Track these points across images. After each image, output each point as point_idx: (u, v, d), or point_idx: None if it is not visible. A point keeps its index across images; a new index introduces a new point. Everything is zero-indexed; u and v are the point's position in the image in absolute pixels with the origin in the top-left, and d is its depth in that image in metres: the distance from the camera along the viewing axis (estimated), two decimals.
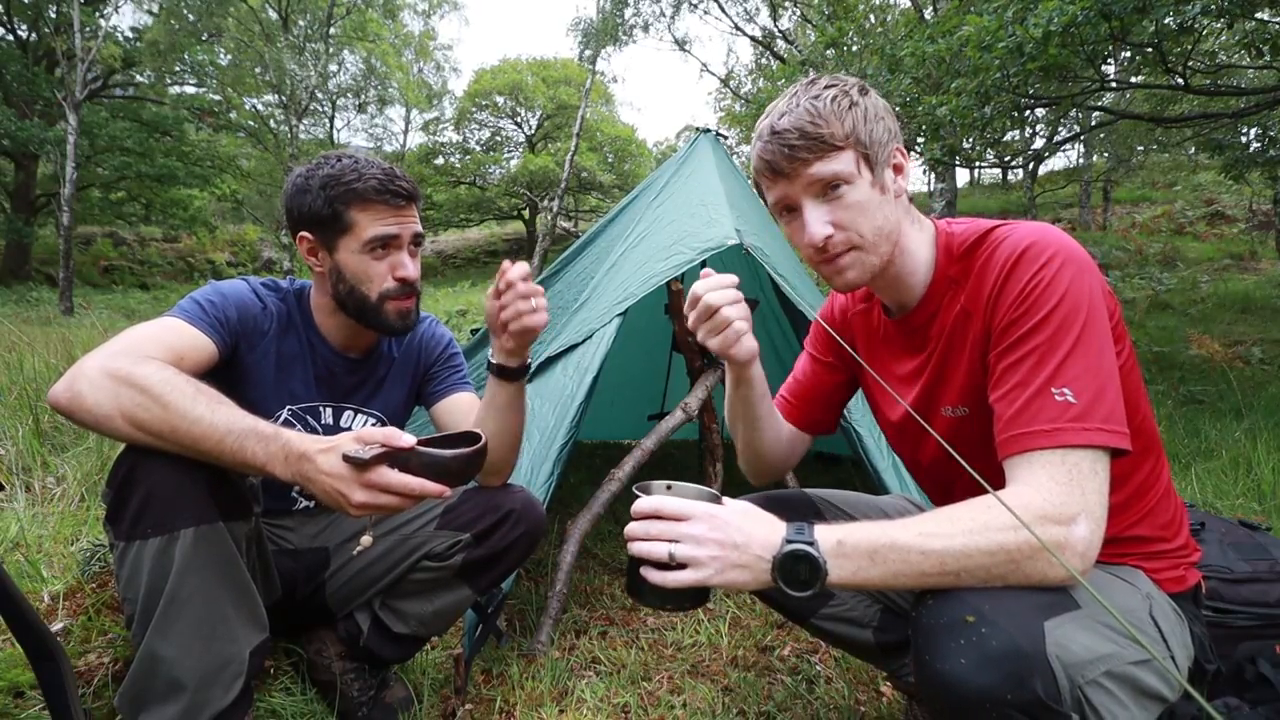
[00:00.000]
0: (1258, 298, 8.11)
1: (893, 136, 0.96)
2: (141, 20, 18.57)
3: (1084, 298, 0.86)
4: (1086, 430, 0.80)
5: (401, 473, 0.97)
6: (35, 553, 1.72)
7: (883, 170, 0.95)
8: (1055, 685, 0.73)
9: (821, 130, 0.91)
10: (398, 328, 1.30)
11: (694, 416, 2.37)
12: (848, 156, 0.92)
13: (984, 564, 0.78)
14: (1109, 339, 0.87)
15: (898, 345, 1.10)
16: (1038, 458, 0.81)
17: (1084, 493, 0.79)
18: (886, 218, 0.96)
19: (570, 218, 22.74)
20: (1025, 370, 0.85)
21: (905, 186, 0.99)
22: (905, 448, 1.17)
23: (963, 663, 0.74)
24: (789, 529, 0.85)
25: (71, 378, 0.96)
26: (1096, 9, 3.76)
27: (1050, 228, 0.93)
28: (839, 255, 0.96)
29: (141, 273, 18.52)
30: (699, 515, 0.85)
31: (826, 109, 0.92)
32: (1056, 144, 9.51)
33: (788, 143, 0.92)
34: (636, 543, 0.86)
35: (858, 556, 0.81)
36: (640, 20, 16.20)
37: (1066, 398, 0.81)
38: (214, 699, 0.98)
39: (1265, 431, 3.50)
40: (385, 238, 1.24)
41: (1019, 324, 0.87)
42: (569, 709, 1.49)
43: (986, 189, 22.49)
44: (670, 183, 2.69)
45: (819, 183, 0.93)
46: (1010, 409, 0.85)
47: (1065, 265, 0.87)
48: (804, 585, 0.81)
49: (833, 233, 0.95)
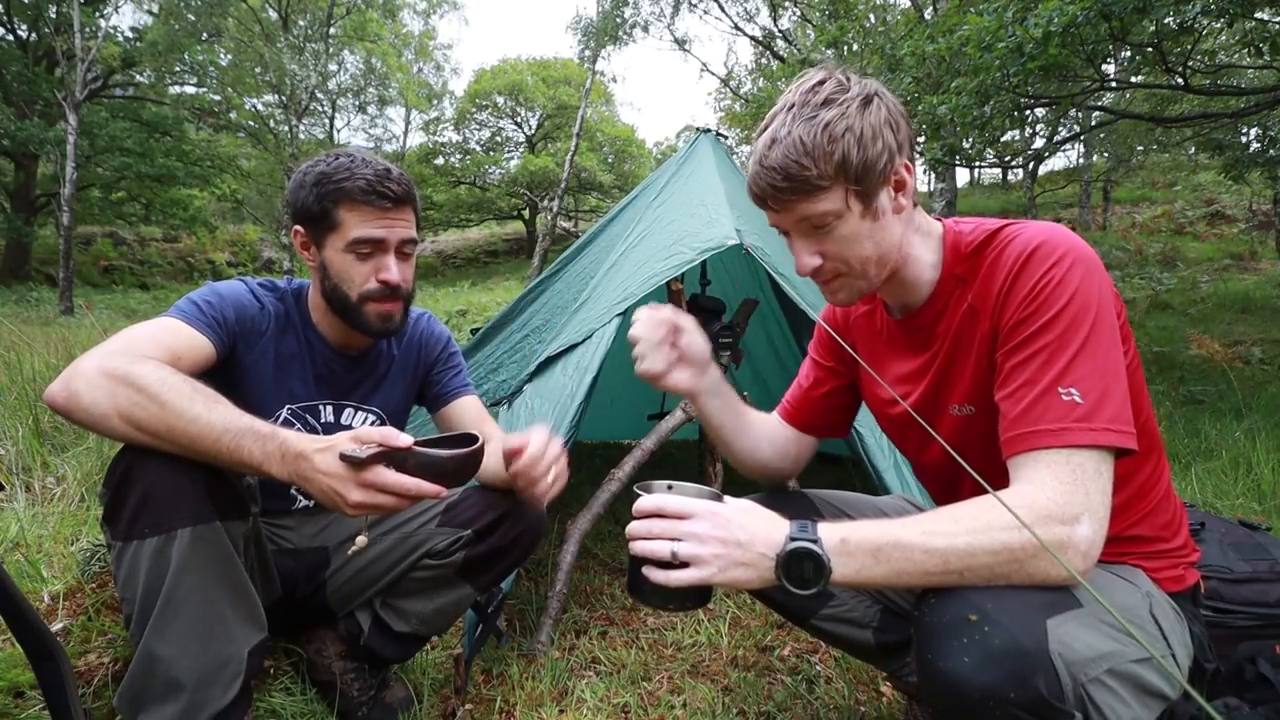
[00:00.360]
0: (1258, 298, 8.11)
1: (895, 152, 0.92)
2: (141, 20, 18.61)
3: (1093, 298, 0.85)
4: (1093, 430, 0.80)
5: (398, 473, 0.97)
6: (35, 553, 1.72)
7: (876, 196, 0.93)
8: (1058, 683, 0.73)
9: (807, 173, 0.89)
10: (376, 330, 1.28)
11: (694, 416, 2.37)
12: (835, 195, 0.91)
13: (987, 563, 0.78)
14: (1117, 339, 0.87)
15: (901, 344, 1.10)
16: (1043, 457, 0.81)
17: (1088, 493, 0.79)
18: (878, 244, 0.95)
19: (570, 218, 22.75)
20: (1033, 369, 0.85)
21: (908, 199, 0.97)
22: (910, 448, 1.17)
23: (966, 661, 0.74)
24: (792, 526, 0.85)
25: (68, 377, 0.96)
26: (1096, 9, 3.76)
27: (1059, 227, 0.92)
28: (828, 280, 0.99)
29: (141, 273, 18.53)
30: (701, 513, 0.85)
31: (815, 142, 0.88)
32: (1056, 144, 9.51)
33: (773, 183, 0.92)
34: (638, 541, 0.86)
35: (861, 555, 0.81)
36: (640, 19, 16.22)
37: (1073, 397, 0.81)
38: (213, 698, 0.98)
39: (1265, 431, 3.50)
40: (369, 240, 1.23)
41: (1027, 323, 0.87)
42: (569, 709, 1.49)
43: (986, 189, 22.49)
44: (670, 183, 2.69)
45: (805, 221, 0.94)
46: (1016, 408, 0.85)
47: (1075, 265, 0.87)
48: (808, 584, 0.81)
49: (820, 263, 0.96)
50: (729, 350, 2.44)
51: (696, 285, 2.75)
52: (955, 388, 1.00)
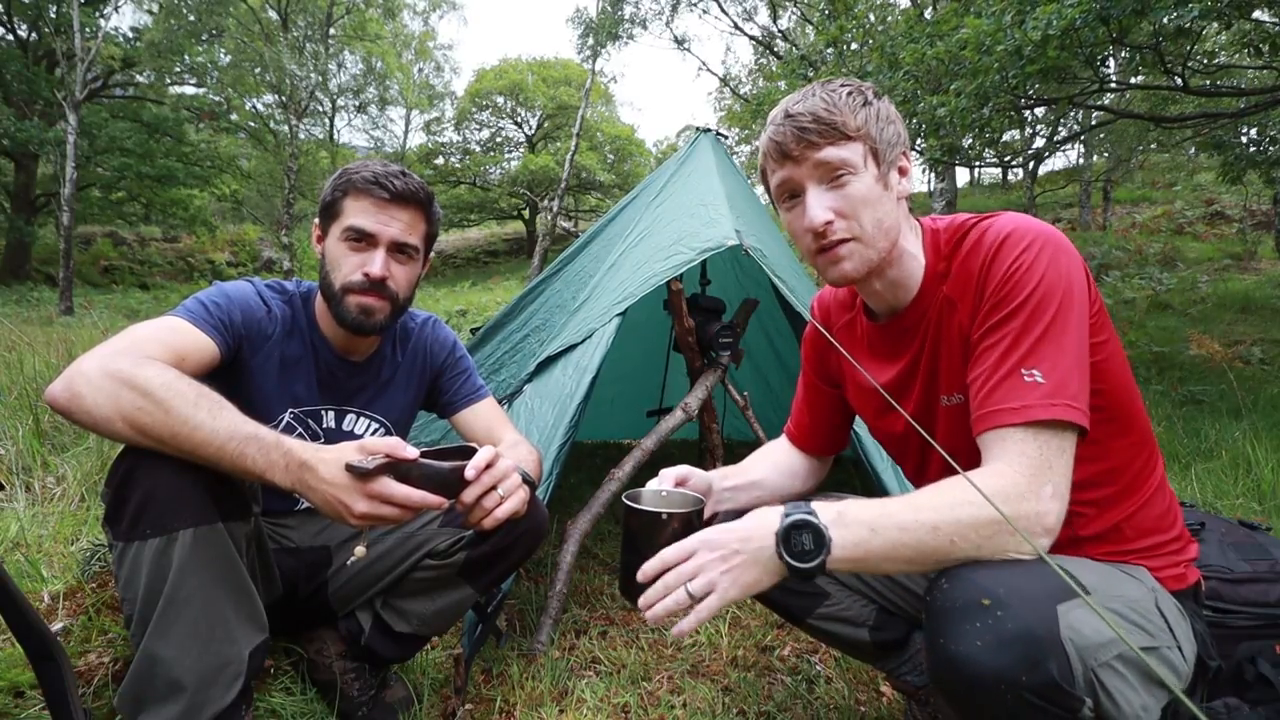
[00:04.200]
0: (1258, 298, 8.10)
1: (900, 141, 0.99)
2: (141, 20, 18.57)
3: (1059, 282, 0.89)
4: (1054, 406, 0.84)
5: (402, 484, 0.97)
6: (35, 553, 1.72)
7: (889, 169, 0.97)
8: (1069, 668, 0.74)
9: (836, 118, 0.93)
10: (354, 322, 1.26)
11: (694, 416, 2.37)
12: (858, 147, 0.95)
13: (972, 535, 0.82)
14: (1083, 323, 0.90)
15: (882, 350, 1.11)
16: (1007, 434, 0.85)
17: (1052, 468, 0.83)
18: (888, 213, 0.97)
19: (570, 218, 22.72)
20: (999, 352, 0.89)
21: (907, 191, 1.01)
22: (909, 465, 1.17)
23: (978, 645, 0.76)
24: (786, 507, 0.88)
25: (70, 377, 0.96)
26: (1095, 12, 3.76)
27: (1028, 217, 0.96)
28: (837, 245, 0.97)
29: (141, 272, 18.51)
30: (697, 546, 0.87)
31: (842, 101, 0.95)
32: (1056, 144, 9.52)
33: (801, 125, 0.94)
34: (658, 606, 0.86)
35: (858, 526, 0.84)
36: (639, 17, 16.23)
37: (1035, 378, 0.85)
38: (213, 699, 0.98)
39: (1265, 431, 3.50)
40: (361, 230, 1.24)
41: (999, 308, 0.91)
42: (569, 709, 1.49)
43: (986, 189, 22.48)
44: (670, 182, 2.69)
45: (825, 167, 0.95)
46: (984, 389, 0.89)
47: (1043, 250, 0.90)
48: (809, 555, 0.83)
49: (833, 219, 0.96)
50: (729, 350, 2.44)
51: (696, 285, 2.74)
52: (943, 379, 1.01)
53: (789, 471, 1.30)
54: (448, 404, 1.52)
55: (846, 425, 1.32)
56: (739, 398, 2.51)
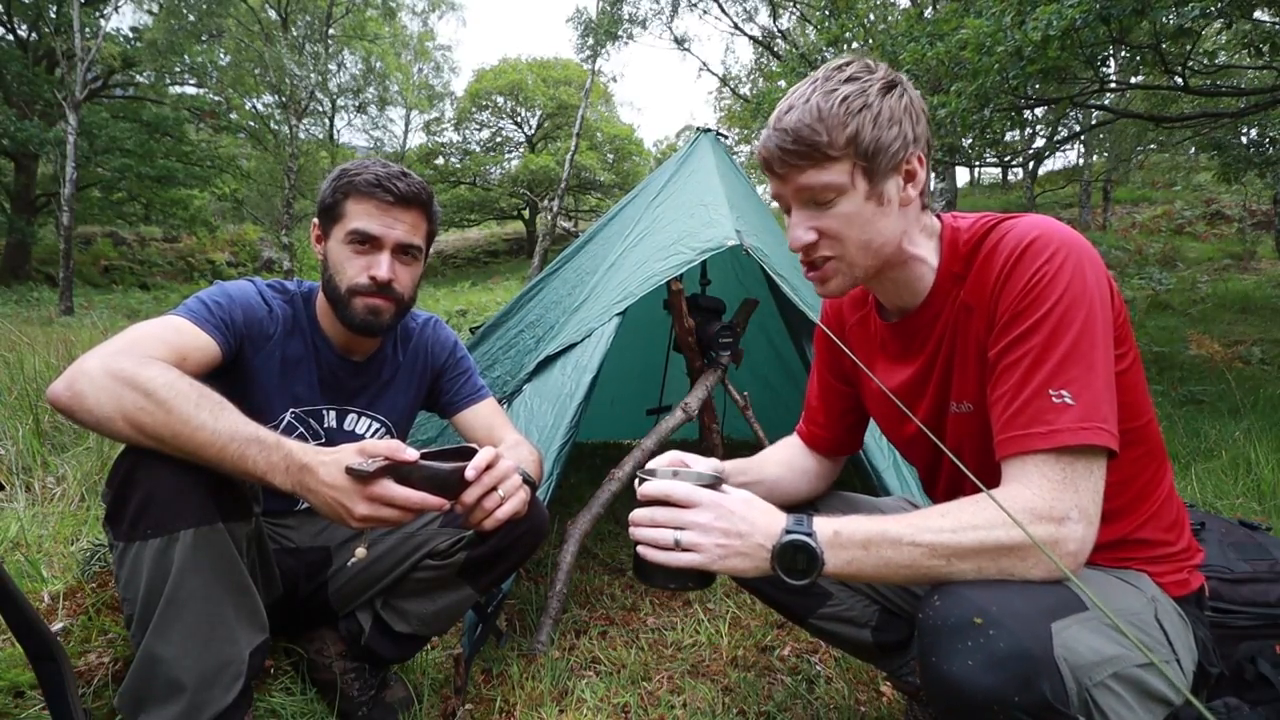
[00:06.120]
0: (1258, 298, 8.11)
1: (910, 142, 0.91)
2: (141, 20, 18.55)
3: (1084, 295, 0.84)
4: (1085, 430, 0.80)
5: (403, 486, 0.97)
6: (35, 553, 1.72)
7: (884, 180, 0.91)
8: (1063, 687, 0.73)
9: (818, 138, 0.88)
10: (361, 324, 1.27)
11: (694, 416, 2.37)
12: (842, 167, 0.89)
13: (974, 558, 0.80)
14: (1109, 337, 0.86)
15: (894, 350, 1.09)
16: (1033, 459, 0.82)
17: (1078, 491, 0.80)
18: (879, 231, 0.93)
19: (570, 217, 22.72)
20: (1023, 370, 0.85)
21: (917, 193, 0.95)
22: (920, 465, 1.16)
23: (970, 664, 0.74)
24: (789, 519, 0.87)
25: (72, 376, 0.96)
26: (1095, 12, 3.76)
27: (1055, 222, 0.91)
28: (822, 264, 0.96)
29: (141, 272, 18.50)
30: (705, 504, 0.87)
31: (832, 112, 0.88)
32: (1056, 144, 9.51)
33: (783, 145, 0.91)
34: (643, 529, 0.88)
35: (852, 546, 0.83)
36: (639, 17, 16.24)
37: (1064, 399, 0.81)
38: (214, 699, 0.98)
39: (1265, 431, 3.50)
40: (365, 234, 1.24)
41: (1019, 321, 0.86)
42: (569, 709, 1.49)
43: (986, 189, 22.49)
44: (670, 182, 2.69)
45: (808, 191, 0.92)
46: (1008, 410, 0.85)
47: (1067, 261, 0.85)
48: (801, 574, 0.84)
49: (815, 239, 0.94)
50: (729, 350, 2.44)
51: (696, 285, 2.74)
52: (956, 386, 0.99)
53: (801, 470, 1.29)
54: (448, 404, 1.52)
55: (860, 426, 1.30)
56: (739, 398, 2.51)
